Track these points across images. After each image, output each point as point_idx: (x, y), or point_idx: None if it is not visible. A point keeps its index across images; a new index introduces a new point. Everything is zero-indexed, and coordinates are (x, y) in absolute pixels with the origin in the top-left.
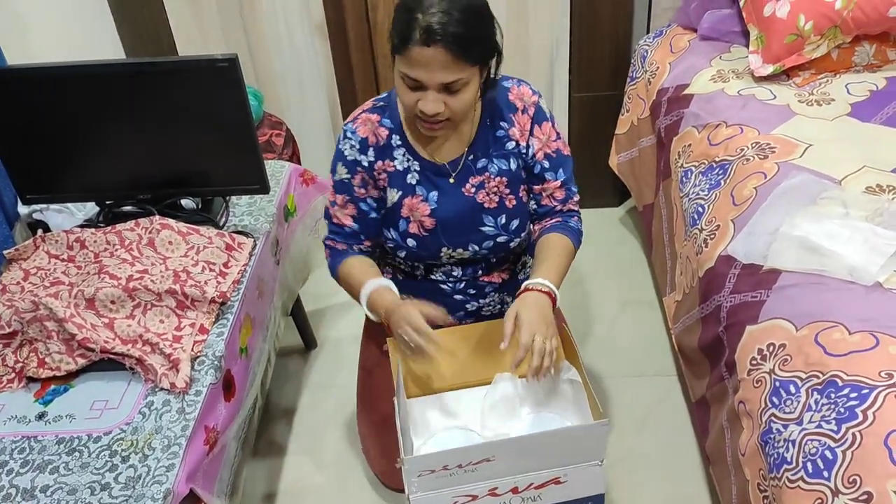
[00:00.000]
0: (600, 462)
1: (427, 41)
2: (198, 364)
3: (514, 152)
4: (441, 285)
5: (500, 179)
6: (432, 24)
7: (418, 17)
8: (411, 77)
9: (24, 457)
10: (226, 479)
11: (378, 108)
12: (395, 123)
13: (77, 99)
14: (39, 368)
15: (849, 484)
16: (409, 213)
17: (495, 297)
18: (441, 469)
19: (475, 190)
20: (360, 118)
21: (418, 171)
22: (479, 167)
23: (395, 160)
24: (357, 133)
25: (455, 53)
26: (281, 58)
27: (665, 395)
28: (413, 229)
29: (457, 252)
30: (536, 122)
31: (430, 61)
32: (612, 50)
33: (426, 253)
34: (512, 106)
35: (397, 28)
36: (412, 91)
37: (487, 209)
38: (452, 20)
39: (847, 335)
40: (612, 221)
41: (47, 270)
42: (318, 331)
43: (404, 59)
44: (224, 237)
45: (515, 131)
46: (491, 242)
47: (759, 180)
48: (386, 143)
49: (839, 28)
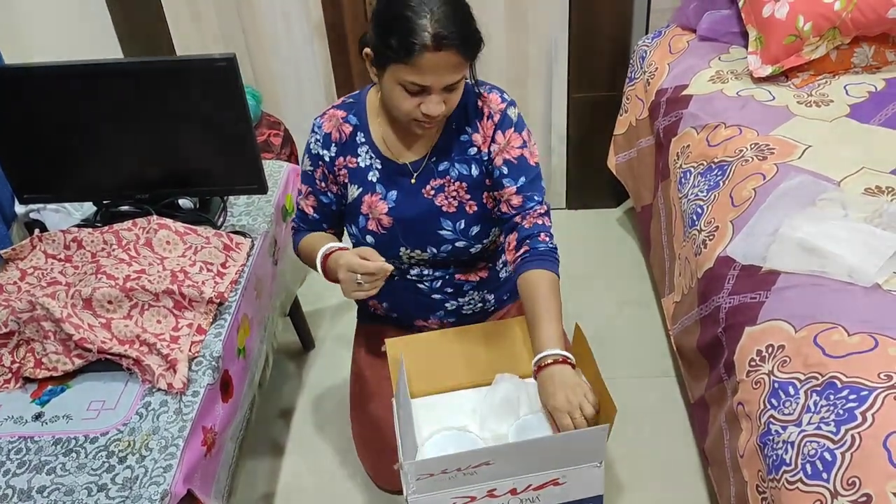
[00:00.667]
0: (599, 463)
1: (438, 46)
2: (195, 365)
3: (477, 158)
4: (418, 284)
5: (460, 184)
6: (441, 30)
7: (423, 23)
8: (417, 83)
9: (21, 457)
10: (223, 479)
11: (346, 104)
12: (361, 121)
13: (74, 98)
14: (36, 369)
15: (848, 486)
16: (368, 211)
17: (475, 295)
18: (440, 473)
19: (434, 192)
20: (328, 114)
21: (380, 169)
22: (441, 170)
23: (359, 157)
24: (322, 128)
25: (463, 54)
26: (279, 58)
27: (664, 396)
28: (371, 226)
29: (415, 253)
30: (500, 128)
31: (440, 66)
32: (610, 50)
33: (384, 251)
34: (479, 112)
35: (396, 36)
36: (413, 96)
37: (446, 213)
38: (455, 21)
39: (846, 337)
40: (611, 222)
41: (44, 270)
42: (316, 332)
43: (410, 67)
44: (222, 237)
45: (479, 137)
46: (449, 246)
47: (757, 181)
48: (349, 140)
49: (838, 29)
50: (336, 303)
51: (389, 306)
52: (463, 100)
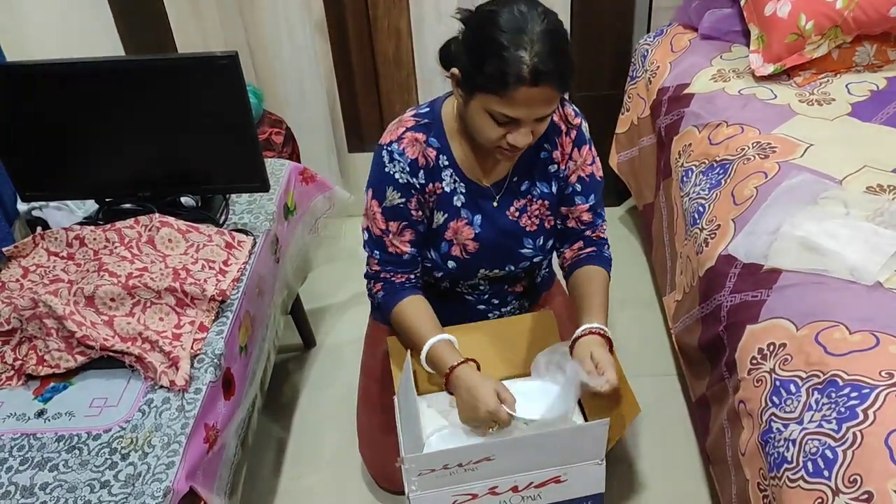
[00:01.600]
0: (600, 461)
1: (536, 82)
2: (197, 362)
3: (556, 175)
4: (466, 296)
5: (543, 203)
6: (539, 65)
7: (522, 56)
8: (509, 116)
9: (24, 454)
10: (225, 477)
11: (422, 125)
12: (443, 143)
13: (76, 96)
14: (39, 366)
15: (849, 483)
16: (454, 236)
17: (516, 304)
18: (441, 468)
19: (518, 213)
20: (406, 138)
21: (464, 193)
22: (523, 190)
23: (444, 182)
24: (406, 154)
25: (560, 89)
26: (281, 56)
27: (665, 394)
28: (455, 252)
29: (493, 272)
30: (577, 145)
31: (536, 100)
32: (612, 49)
33: (464, 274)
34: (556, 128)
35: (493, 65)
36: (501, 126)
37: (529, 232)
38: (554, 55)
39: (848, 335)
40: (612, 221)
41: (47, 268)
42: (318, 330)
43: (504, 99)
44: (224, 235)
45: (558, 154)
46: (528, 263)
47: (759, 180)
48: (434, 164)
49: (840, 28)
50: (337, 301)
51: None
52: None
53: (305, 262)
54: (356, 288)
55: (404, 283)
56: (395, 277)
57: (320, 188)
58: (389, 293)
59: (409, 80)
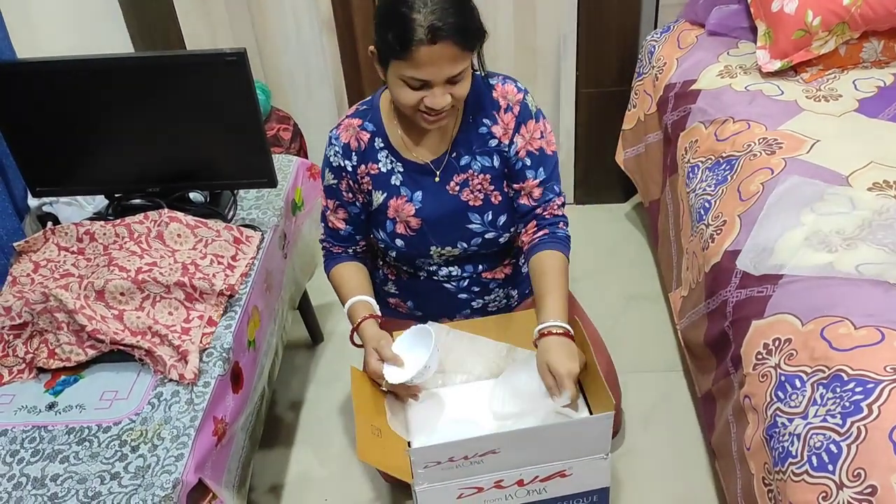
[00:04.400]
0: (606, 455)
1: (433, 39)
2: (206, 356)
3: (497, 150)
4: (444, 284)
5: (484, 177)
6: (435, 22)
7: (416, 18)
8: (417, 78)
9: (35, 446)
10: (234, 469)
11: (360, 111)
12: (377, 126)
13: (86, 93)
14: (50, 359)
15: (853, 477)
16: (395, 214)
17: (500, 292)
18: (447, 461)
19: (459, 188)
20: (343, 124)
21: (402, 171)
22: (463, 164)
23: (379, 162)
24: (340, 139)
25: (460, 45)
26: (288, 53)
27: (671, 390)
28: (400, 230)
29: (446, 250)
30: (521, 120)
31: (438, 58)
32: (619, 45)
33: (415, 252)
34: (495, 103)
35: (393, 32)
36: (416, 90)
37: (473, 207)
38: (450, 12)
39: (853, 330)
40: (619, 217)
41: (57, 262)
42: (325, 325)
43: (408, 62)
44: (232, 230)
45: (498, 129)
46: (479, 239)
47: (766, 176)
48: (368, 146)
49: (847, 24)
50: None
51: (415, 305)
52: (477, 92)
53: (313, 257)
54: None
55: (340, 253)
56: (333, 248)
57: None
58: (328, 259)
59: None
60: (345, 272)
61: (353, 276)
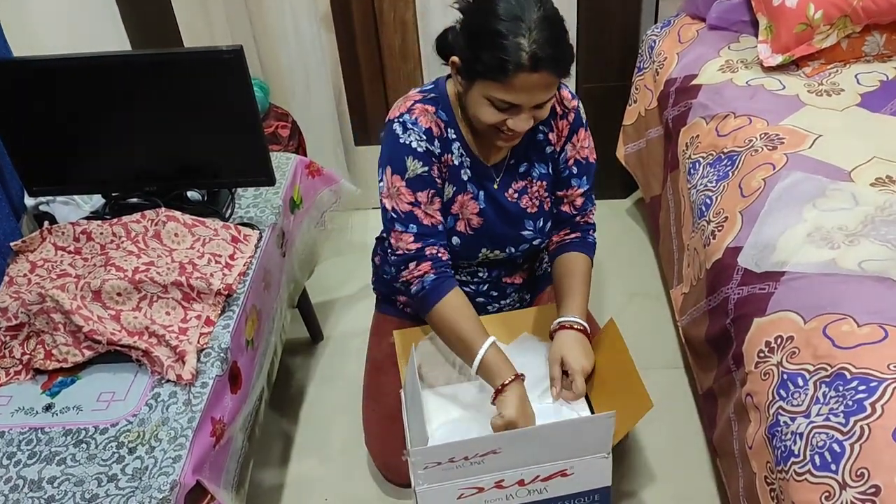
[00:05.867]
0: (607, 454)
1: (535, 67)
2: (204, 356)
3: (552, 156)
4: (464, 287)
5: (541, 184)
6: (538, 52)
7: (521, 43)
8: (508, 101)
9: (32, 448)
10: (232, 470)
11: (430, 98)
12: (450, 116)
13: (83, 91)
14: (46, 360)
15: (856, 477)
16: (459, 210)
17: (515, 297)
18: (447, 461)
19: (518, 195)
20: (417, 108)
21: (470, 167)
22: (522, 171)
23: (453, 154)
24: (419, 123)
25: (558, 74)
26: (286, 49)
27: (672, 387)
28: (460, 227)
29: (494, 253)
30: (574, 128)
31: (534, 86)
32: (619, 40)
33: (466, 252)
34: (552, 110)
35: (492, 53)
36: (501, 111)
37: (530, 214)
38: (552, 41)
39: (856, 328)
40: (620, 213)
41: (54, 262)
42: (325, 323)
43: (503, 85)
44: (230, 229)
45: (553, 136)
46: (527, 245)
47: (767, 171)
48: (445, 135)
49: (849, 17)
50: (345, 294)
51: None
52: None
53: (312, 255)
54: (363, 281)
55: (448, 262)
56: (440, 253)
57: (326, 181)
58: (441, 281)
59: (415, 73)
60: (461, 305)
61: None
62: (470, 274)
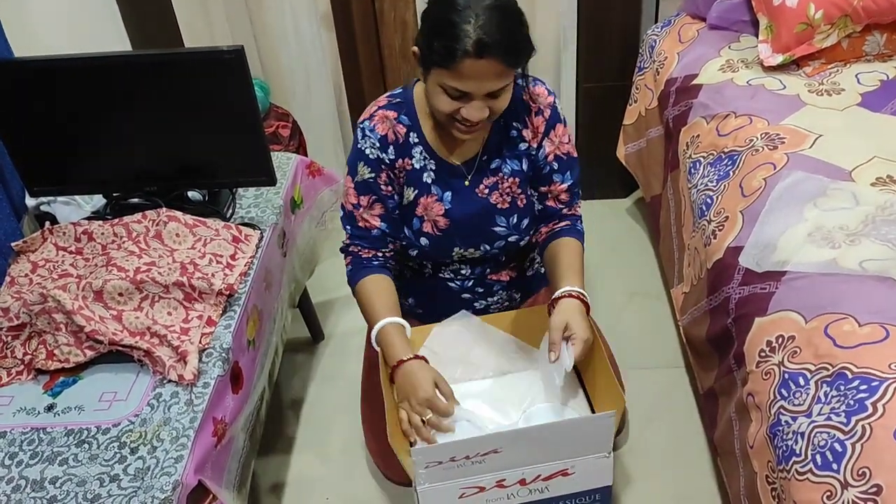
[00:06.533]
0: (608, 454)
1: (480, 53)
2: (205, 356)
3: (526, 153)
4: (449, 283)
5: (513, 180)
6: (483, 37)
7: (466, 29)
8: (458, 89)
9: (34, 448)
10: (234, 470)
11: (394, 104)
12: (413, 121)
13: (83, 91)
14: (48, 360)
15: (858, 476)
16: (424, 213)
17: (503, 294)
18: (448, 461)
19: (488, 191)
20: (377, 115)
21: (434, 170)
22: (493, 167)
23: (413, 158)
24: (376, 131)
25: (507, 62)
26: (287, 49)
27: (673, 387)
28: (427, 228)
29: (468, 252)
30: (551, 124)
31: (482, 73)
32: (620, 40)
33: (438, 252)
34: (526, 106)
35: (440, 40)
36: (454, 100)
37: (500, 209)
38: (501, 28)
39: (857, 327)
40: (620, 213)
41: (55, 262)
42: (326, 323)
43: (452, 72)
44: (231, 229)
45: (528, 132)
46: (503, 242)
47: (768, 171)
48: (404, 140)
49: (850, 17)
50: (345, 294)
51: (416, 302)
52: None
53: (313, 255)
54: None
55: (371, 258)
56: (362, 252)
57: (327, 181)
58: (355, 267)
59: (415, 73)
60: (378, 286)
61: (384, 289)
62: (453, 272)
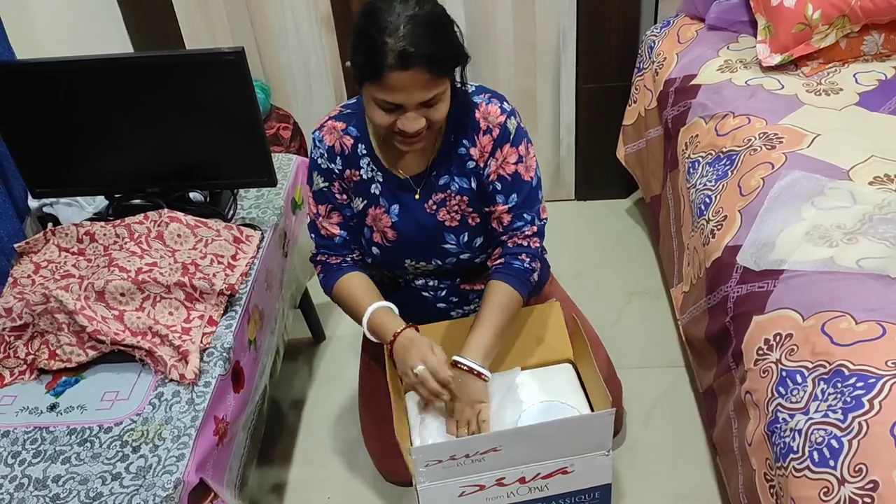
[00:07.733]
0: (607, 452)
1: (404, 65)
2: (207, 356)
3: (475, 171)
4: (423, 293)
5: (462, 198)
6: (406, 48)
7: (388, 42)
8: (390, 101)
9: (37, 447)
10: (235, 469)
11: (345, 115)
12: (361, 132)
13: (85, 93)
14: (51, 360)
15: (855, 473)
16: (373, 223)
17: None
18: (448, 459)
19: (437, 207)
20: (326, 126)
21: (381, 182)
22: (441, 184)
23: (361, 169)
24: (324, 142)
25: (433, 72)
26: (287, 51)
27: (672, 385)
28: (377, 238)
29: (420, 265)
30: (498, 143)
31: (409, 84)
32: (619, 40)
33: (390, 262)
34: (476, 125)
35: (364, 55)
36: (388, 113)
37: (449, 227)
38: (423, 38)
39: (854, 325)
40: (620, 213)
41: (58, 263)
42: (327, 323)
43: (381, 86)
44: (232, 230)
45: (475, 151)
46: (454, 259)
47: (766, 171)
48: (351, 152)
49: (848, 17)
50: None
51: None
52: (460, 111)
53: None
54: None
55: (340, 263)
56: (329, 259)
57: None
58: (327, 274)
59: None
60: (353, 282)
61: (362, 283)
62: (424, 282)
